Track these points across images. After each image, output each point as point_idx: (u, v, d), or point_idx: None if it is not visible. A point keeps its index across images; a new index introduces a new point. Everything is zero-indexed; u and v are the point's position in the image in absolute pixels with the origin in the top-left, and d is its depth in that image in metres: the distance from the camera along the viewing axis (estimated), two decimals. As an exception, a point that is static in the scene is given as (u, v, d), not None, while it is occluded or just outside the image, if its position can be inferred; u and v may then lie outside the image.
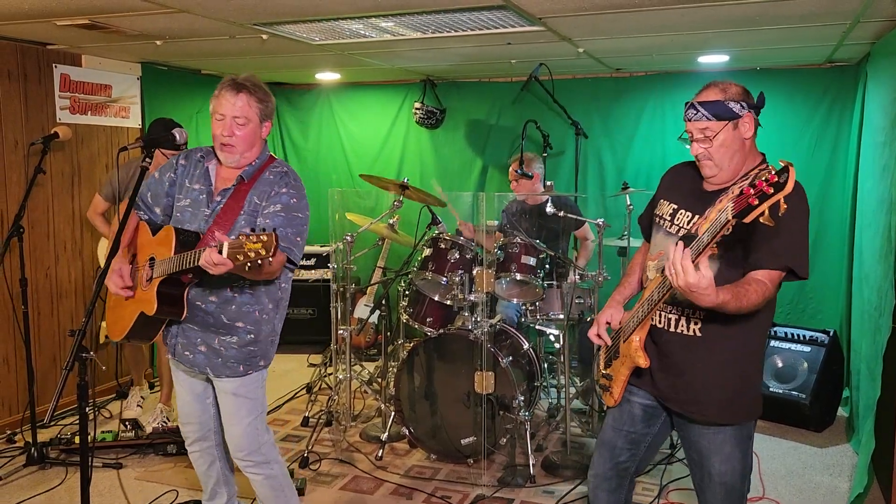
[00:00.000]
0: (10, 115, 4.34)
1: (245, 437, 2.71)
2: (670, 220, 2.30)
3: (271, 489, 2.79)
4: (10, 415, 4.38)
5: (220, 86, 2.57)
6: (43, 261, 4.60)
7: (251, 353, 2.66)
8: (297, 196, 2.60)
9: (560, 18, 3.58)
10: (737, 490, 2.27)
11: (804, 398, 4.35)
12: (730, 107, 2.15)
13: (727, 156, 2.18)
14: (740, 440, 2.25)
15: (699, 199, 2.24)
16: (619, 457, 2.44)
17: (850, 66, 5.07)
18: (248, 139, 2.58)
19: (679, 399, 2.28)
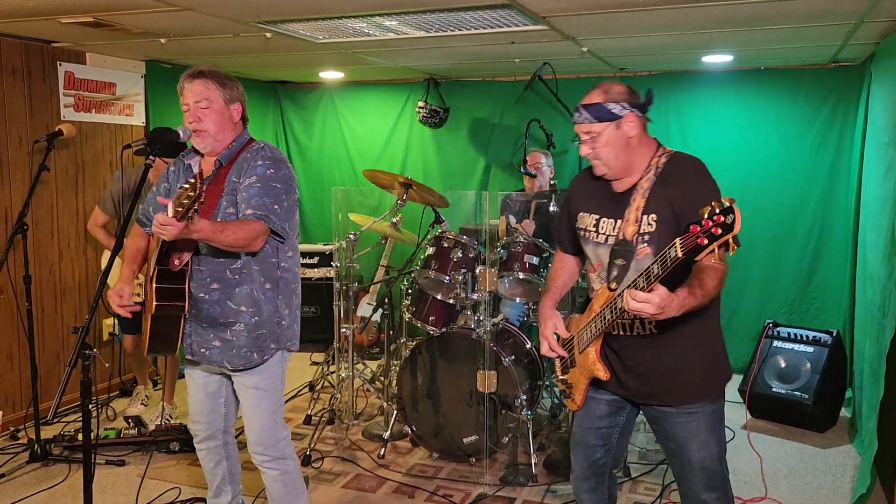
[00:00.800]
0: (14, 112, 4.36)
1: (265, 431, 2.72)
2: (595, 231, 2.36)
3: (284, 485, 2.79)
4: (14, 411, 4.39)
5: (180, 80, 2.62)
6: (47, 258, 4.62)
7: (260, 336, 2.65)
8: (273, 167, 2.59)
9: (564, 17, 3.58)
10: (717, 473, 2.31)
11: (807, 398, 4.34)
12: (609, 108, 2.24)
13: (612, 154, 2.27)
14: (713, 423, 2.30)
15: (615, 203, 2.32)
16: (594, 454, 2.49)
17: (854, 66, 5.06)
18: (216, 122, 2.59)
19: (652, 393, 2.33)
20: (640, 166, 2.28)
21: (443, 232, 4.10)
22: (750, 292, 5.47)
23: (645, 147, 2.30)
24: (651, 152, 2.30)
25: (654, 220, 2.19)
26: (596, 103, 2.25)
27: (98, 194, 4.87)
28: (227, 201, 2.57)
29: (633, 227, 2.22)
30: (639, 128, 2.27)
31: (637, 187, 2.26)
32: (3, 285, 4.16)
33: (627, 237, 2.22)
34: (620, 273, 2.20)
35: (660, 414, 2.34)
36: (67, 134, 4.19)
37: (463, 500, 3.51)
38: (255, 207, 2.49)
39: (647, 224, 2.20)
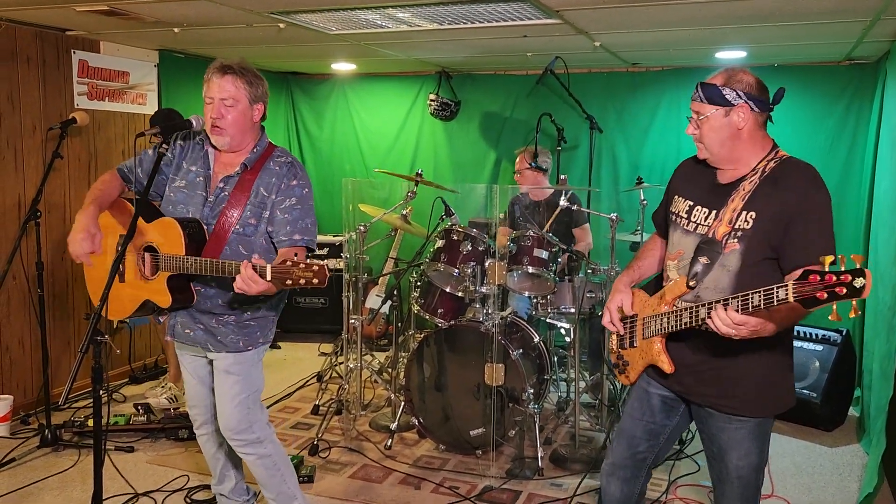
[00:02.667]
0: (28, 100, 4.38)
1: (235, 414, 2.70)
2: (687, 218, 2.27)
3: (265, 468, 2.78)
4: (25, 397, 4.43)
5: (208, 70, 2.59)
6: (59, 245, 4.65)
7: (251, 328, 2.69)
8: (307, 186, 2.64)
9: (577, 11, 3.57)
10: (752, 483, 2.27)
11: (815, 397, 4.33)
12: (723, 93, 2.14)
13: (716, 142, 2.18)
14: (759, 436, 2.23)
15: (714, 194, 2.22)
16: (638, 447, 2.43)
17: (869, 64, 5.02)
18: (239, 122, 2.57)
19: (705, 394, 2.25)
20: (747, 163, 2.18)
21: (452, 225, 4.10)
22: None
23: (757, 145, 2.19)
24: (763, 153, 2.19)
25: (752, 218, 2.09)
26: (713, 84, 2.15)
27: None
28: (251, 212, 2.57)
29: (725, 228, 2.13)
30: (752, 122, 2.15)
31: (739, 188, 2.16)
32: (16, 272, 4.19)
33: (717, 237, 2.13)
34: (703, 272, 2.15)
35: (708, 415, 2.27)
36: (81, 122, 4.21)
37: (469, 492, 3.52)
38: (301, 233, 2.56)
39: (744, 221, 2.11)
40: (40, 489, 3.49)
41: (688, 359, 2.25)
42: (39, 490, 3.48)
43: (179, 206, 2.64)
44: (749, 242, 2.09)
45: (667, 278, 2.33)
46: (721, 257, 2.12)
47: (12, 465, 3.72)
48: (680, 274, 2.23)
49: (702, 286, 2.16)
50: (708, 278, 2.15)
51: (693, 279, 2.14)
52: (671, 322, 2.18)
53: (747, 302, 1.89)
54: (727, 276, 2.12)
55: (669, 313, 2.19)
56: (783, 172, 2.13)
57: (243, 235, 2.59)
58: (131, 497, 3.42)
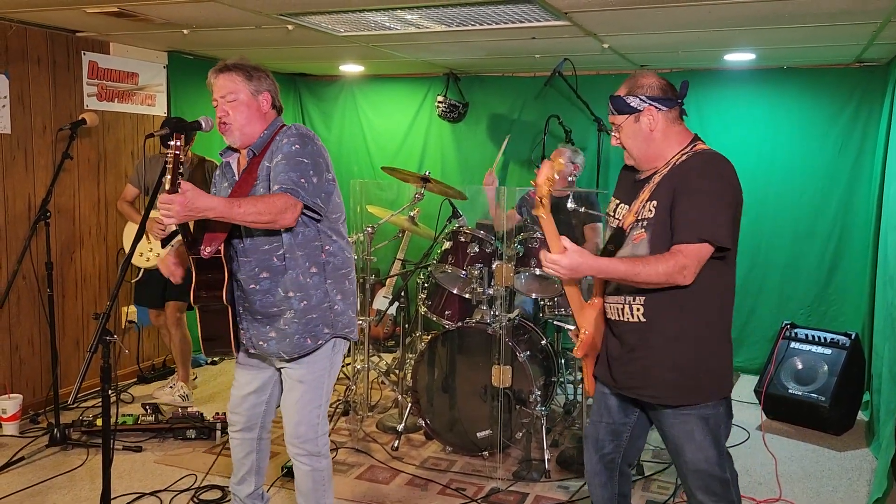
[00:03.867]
0: (39, 100, 4.41)
1: (303, 425, 2.69)
2: (612, 215, 2.44)
3: (313, 481, 2.76)
4: (35, 396, 4.45)
5: (209, 74, 2.63)
6: (68, 245, 4.67)
7: (311, 321, 2.61)
8: (299, 143, 2.55)
9: (586, 13, 3.57)
10: (715, 476, 2.29)
11: (824, 401, 4.31)
12: (627, 101, 2.28)
13: (635, 146, 2.32)
14: (709, 426, 2.27)
15: (632, 189, 2.38)
16: (603, 448, 2.50)
17: (879, 66, 5.00)
18: (244, 114, 2.58)
19: (633, 385, 2.34)
20: (665, 158, 2.30)
21: (460, 226, 4.10)
22: (768, 293, 5.43)
23: (673, 141, 2.29)
24: (679, 147, 2.29)
25: (654, 207, 2.22)
26: (618, 96, 2.30)
27: (119, 184, 4.94)
28: (263, 187, 2.54)
29: (631, 218, 2.27)
30: (662, 121, 2.27)
31: (651, 181, 2.29)
32: (26, 272, 4.21)
33: (625, 227, 2.27)
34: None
35: (657, 414, 2.35)
36: (90, 123, 4.25)
37: (476, 493, 3.52)
38: (281, 182, 2.46)
39: (648, 210, 2.24)
40: (49, 488, 3.51)
41: (615, 352, 2.38)
42: (48, 489, 3.50)
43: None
44: (654, 230, 2.21)
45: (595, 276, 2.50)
46: (632, 248, 2.25)
47: (21, 464, 3.74)
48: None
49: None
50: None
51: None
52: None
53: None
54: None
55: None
56: (686, 163, 2.24)
57: None
58: (139, 496, 3.43)
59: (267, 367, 2.79)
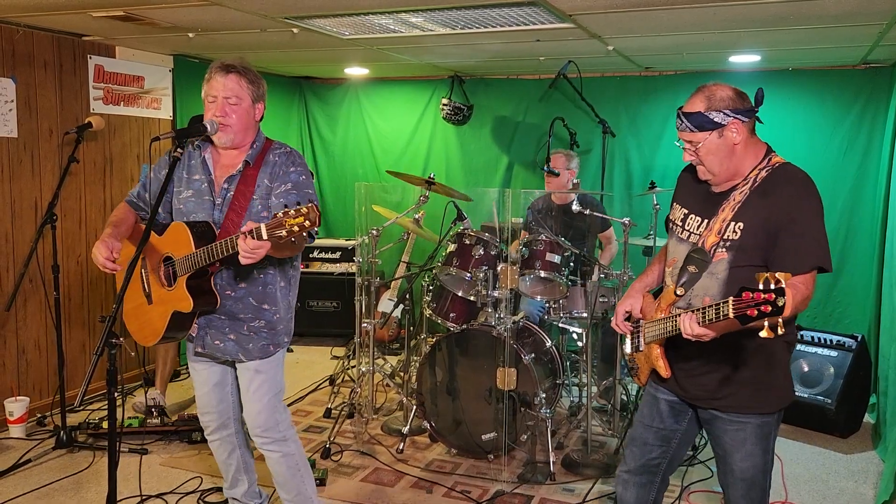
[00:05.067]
0: (45, 104, 4.43)
1: (264, 413, 2.75)
2: (681, 226, 2.34)
3: (287, 468, 2.82)
4: (41, 398, 4.47)
5: (209, 69, 2.63)
6: (74, 248, 4.69)
7: (278, 331, 2.74)
8: (304, 174, 2.66)
9: (590, 16, 3.57)
10: (758, 485, 2.29)
11: (830, 403, 4.29)
12: (711, 118, 2.17)
13: (716, 162, 2.21)
14: (762, 437, 2.26)
15: (707, 202, 2.28)
16: (651, 453, 2.47)
17: (885, 68, 4.99)
18: (242, 119, 2.61)
19: (704, 396, 2.30)
20: (743, 173, 2.21)
21: (465, 229, 4.11)
22: (774, 295, 5.40)
23: (752, 153, 2.22)
24: (756, 160, 2.22)
25: (740, 229, 2.14)
26: (697, 112, 2.18)
27: (125, 187, 4.96)
28: (261, 205, 2.60)
29: (714, 238, 2.18)
30: (745, 133, 2.19)
31: (730, 197, 2.20)
32: (32, 274, 4.22)
33: (706, 247, 2.18)
34: (690, 280, 2.20)
35: (711, 417, 2.32)
36: (96, 126, 4.27)
37: (481, 496, 3.52)
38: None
39: (732, 232, 2.15)
40: (55, 490, 3.52)
41: (685, 363, 2.31)
42: (54, 491, 3.51)
43: (192, 216, 2.67)
44: (736, 252, 2.14)
45: (665, 284, 2.40)
46: (710, 266, 2.18)
47: (28, 466, 3.76)
48: (672, 281, 2.29)
49: (692, 294, 2.23)
50: (698, 286, 2.21)
51: (681, 287, 2.19)
52: (666, 328, 2.23)
53: (704, 315, 1.99)
54: (716, 284, 2.18)
55: (665, 320, 2.24)
56: (772, 181, 2.16)
57: None
58: (145, 499, 3.44)
59: (219, 361, 2.82)
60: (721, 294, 2.17)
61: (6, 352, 4.30)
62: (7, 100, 4.19)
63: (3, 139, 4.20)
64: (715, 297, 2.16)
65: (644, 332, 2.38)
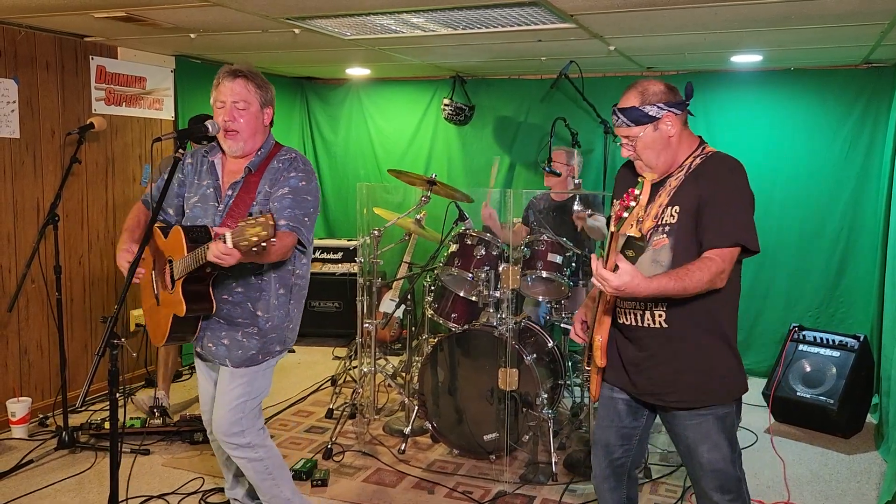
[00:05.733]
0: (47, 105, 4.43)
1: (227, 417, 2.70)
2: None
3: (255, 472, 2.78)
4: (43, 399, 4.47)
5: (217, 75, 2.63)
6: (76, 249, 4.70)
7: (270, 339, 2.72)
8: (305, 179, 2.64)
9: (592, 16, 3.57)
10: (731, 475, 2.30)
11: (832, 403, 4.29)
12: (646, 111, 2.23)
13: (653, 155, 2.27)
14: (724, 426, 2.28)
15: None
16: (614, 453, 2.49)
17: (887, 67, 4.98)
18: (251, 124, 2.62)
19: (655, 392, 2.34)
20: (679, 162, 2.29)
21: (466, 229, 4.10)
22: (776, 295, 5.41)
23: (686, 144, 2.30)
24: (690, 150, 2.30)
25: (677, 213, 2.21)
26: (632, 107, 2.25)
27: (127, 188, 4.97)
28: (259, 211, 2.58)
29: (650, 223, 2.23)
30: (678, 125, 2.27)
31: (665, 184, 2.28)
32: (34, 275, 4.23)
33: (643, 232, 2.22)
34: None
35: (671, 416, 2.34)
36: (98, 127, 4.27)
37: (482, 497, 3.52)
38: (287, 219, 2.54)
39: (670, 216, 2.22)
40: (57, 490, 3.52)
41: (634, 358, 2.35)
42: (56, 491, 3.51)
43: (197, 221, 2.68)
44: (677, 236, 2.20)
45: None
46: (653, 253, 2.23)
47: (30, 467, 3.76)
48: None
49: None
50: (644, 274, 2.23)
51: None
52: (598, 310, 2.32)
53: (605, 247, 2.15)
54: (661, 271, 2.20)
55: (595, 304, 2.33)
56: (705, 167, 2.24)
57: None
58: (147, 499, 3.44)
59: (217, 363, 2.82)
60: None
61: (8, 352, 4.30)
62: (9, 101, 4.20)
63: (6, 140, 4.21)
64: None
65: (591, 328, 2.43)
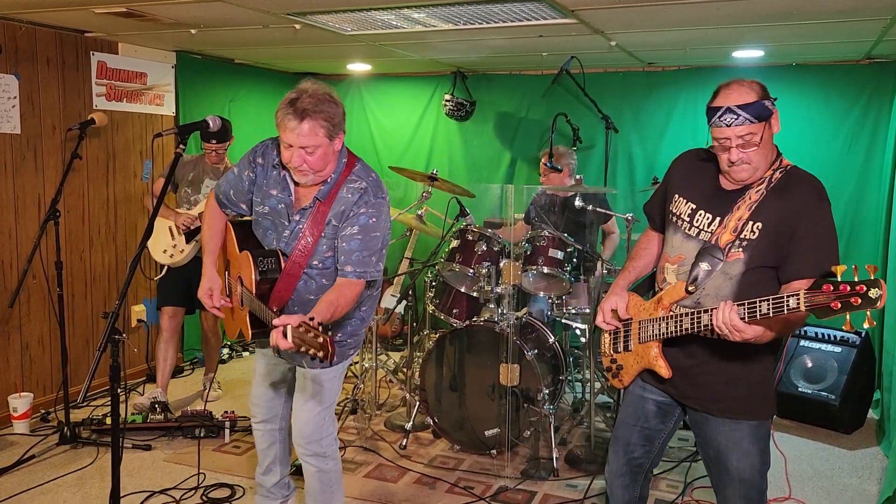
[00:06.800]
0: (48, 100, 4.43)
1: (311, 424, 2.72)
2: (689, 222, 2.24)
3: (320, 483, 2.79)
4: (45, 394, 4.48)
5: (281, 108, 2.41)
6: (78, 245, 4.70)
7: (345, 345, 2.72)
8: (375, 215, 2.50)
9: (593, 11, 3.56)
10: (756, 485, 2.25)
11: (833, 399, 4.29)
12: (766, 105, 2.06)
13: (762, 156, 2.11)
14: (758, 437, 2.22)
15: (718, 199, 2.20)
16: (633, 453, 2.43)
17: (889, 63, 4.97)
18: (321, 161, 2.46)
19: (700, 398, 2.26)
20: (766, 168, 2.14)
21: (467, 225, 4.10)
22: (777, 291, 5.39)
23: (772, 150, 2.16)
24: (773, 159, 2.16)
25: (758, 229, 2.08)
26: (754, 102, 2.05)
27: (128, 183, 4.97)
28: (327, 245, 2.54)
29: (729, 236, 2.12)
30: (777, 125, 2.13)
31: (745, 196, 2.14)
32: (36, 271, 4.23)
33: (720, 244, 2.12)
34: (703, 278, 2.13)
35: (703, 419, 2.27)
36: (99, 123, 4.27)
37: (484, 492, 3.52)
38: (354, 265, 2.47)
39: (750, 231, 2.10)
40: (59, 486, 3.53)
41: (682, 363, 2.25)
42: (58, 487, 3.52)
43: (269, 233, 2.63)
44: (753, 252, 2.09)
45: (663, 280, 2.31)
46: (723, 265, 2.12)
47: (32, 462, 3.76)
48: (679, 279, 2.22)
49: (702, 292, 2.16)
50: (709, 285, 2.15)
51: (693, 284, 2.12)
52: (670, 327, 2.17)
53: (755, 309, 1.89)
54: (729, 284, 2.13)
55: (668, 318, 2.18)
56: (789, 183, 2.12)
57: (323, 269, 2.55)
58: (148, 494, 3.44)
59: (282, 362, 2.84)
60: (733, 295, 2.10)
61: (10, 348, 4.31)
62: (10, 96, 4.20)
63: (7, 136, 4.20)
64: (727, 297, 2.09)
65: (638, 331, 2.31)
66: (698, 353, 2.22)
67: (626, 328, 2.38)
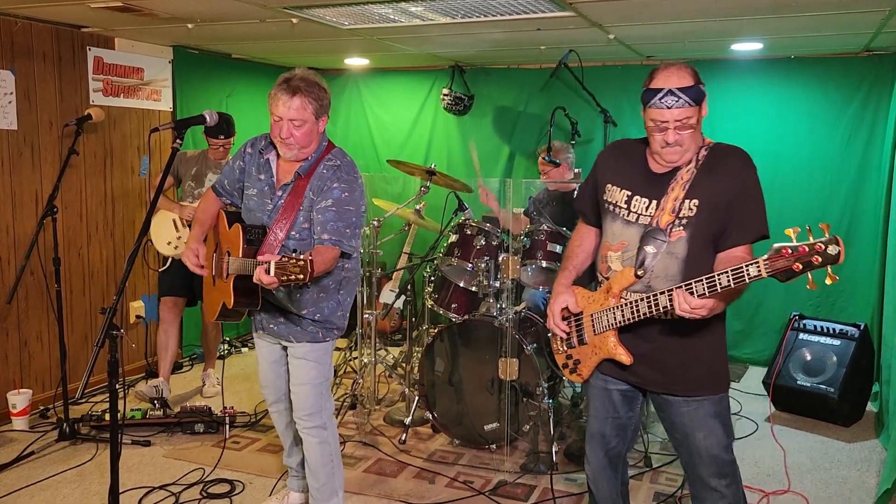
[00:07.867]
0: (45, 96, 4.41)
1: (309, 396, 2.85)
2: (626, 208, 2.28)
3: (321, 455, 2.90)
4: (44, 391, 4.47)
5: (275, 86, 2.65)
6: (75, 240, 4.69)
7: (329, 322, 2.83)
8: (348, 189, 2.69)
9: (591, 4, 3.55)
10: (725, 460, 2.30)
11: (832, 392, 4.29)
12: (701, 89, 2.17)
13: (693, 139, 2.21)
14: (719, 413, 2.29)
15: (651, 183, 2.26)
16: (609, 444, 2.48)
17: (888, 55, 4.96)
18: (306, 136, 2.68)
19: (659, 381, 2.31)
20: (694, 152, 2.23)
21: (466, 219, 4.10)
22: (776, 284, 5.35)
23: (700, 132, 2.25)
24: (702, 142, 2.25)
25: (696, 206, 2.16)
26: (692, 85, 2.13)
27: (125, 179, 4.96)
28: (304, 217, 2.70)
29: (668, 217, 2.17)
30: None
31: (676, 177, 2.21)
32: (33, 267, 4.22)
33: (661, 226, 2.18)
34: (650, 261, 2.18)
35: (665, 402, 2.33)
36: (96, 118, 4.26)
37: (483, 486, 3.52)
38: (330, 233, 2.63)
39: (688, 209, 2.16)
40: (58, 482, 3.53)
41: (641, 348, 2.29)
42: (58, 483, 3.52)
43: (257, 214, 2.80)
44: (694, 229, 2.16)
45: (607, 269, 2.33)
46: (667, 245, 2.17)
47: (31, 459, 3.76)
48: (625, 265, 2.25)
49: (651, 275, 2.21)
50: (657, 267, 2.20)
51: (641, 268, 2.17)
52: (626, 314, 2.21)
53: (714, 283, 1.96)
54: (676, 263, 2.18)
55: (623, 305, 2.21)
56: (717, 158, 2.20)
57: (300, 241, 2.71)
58: (148, 490, 3.44)
59: (276, 343, 2.95)
60: (681, 273, 2.16)
61: (8, 344, 4.30)
62: (6, 92, 4.18)
63: (3, 131, 4.19)
64: (675, 276, 2.16)
65: (591, 324, 2.33)
66: (655, 336, 2.27)
67: (577, 322, 2.40)
